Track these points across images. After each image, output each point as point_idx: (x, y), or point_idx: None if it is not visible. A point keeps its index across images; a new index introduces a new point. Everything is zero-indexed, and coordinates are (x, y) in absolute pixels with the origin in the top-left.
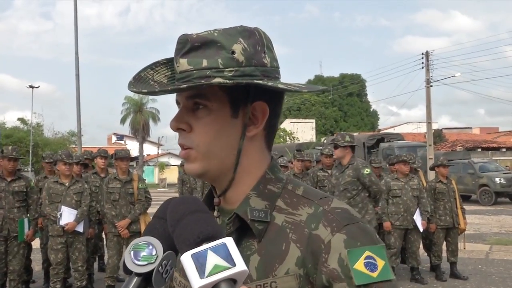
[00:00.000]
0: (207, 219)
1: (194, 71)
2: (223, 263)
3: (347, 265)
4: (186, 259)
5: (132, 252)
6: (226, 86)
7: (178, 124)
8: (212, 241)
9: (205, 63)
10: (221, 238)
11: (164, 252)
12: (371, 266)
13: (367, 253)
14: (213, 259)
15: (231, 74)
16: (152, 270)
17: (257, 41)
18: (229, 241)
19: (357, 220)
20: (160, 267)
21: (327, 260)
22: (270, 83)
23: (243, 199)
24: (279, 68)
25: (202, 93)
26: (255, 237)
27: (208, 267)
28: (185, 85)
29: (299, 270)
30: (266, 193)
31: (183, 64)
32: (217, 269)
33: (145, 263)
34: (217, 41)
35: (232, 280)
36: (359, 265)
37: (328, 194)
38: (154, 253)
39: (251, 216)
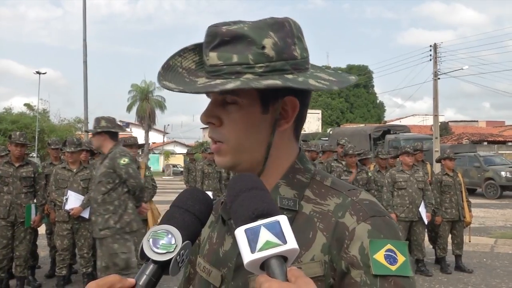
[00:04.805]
0: (263, 196)
1: (224, 66)
2: (275, 239)
3: (367, 254)
4: (240, 233)
5: (151, 239)
6: None
7: (208, 118)
8: (267, 218)
9: (235, 58)
10: (275, 215)
11: (182, 242)
12: (390, 259)
13: (388, 246)
14: (265, 235)
15: (261, 70)
16: (170, 259)
17: (287, 33)
18: (282, 219)
19: (384, 214)
20: (178, 257)
21: (348, 247)
22: (300, 79)
23: (272, 187)
24: (308, 57)
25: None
26: None
27: (260, 243)
28: (218, 88)
29: (324, 256)
30: (295, 183)
31: (213, 58)
32: (268, 245)
33: (164, 251)
34: (247, 35)
35: (283, 258)
36: (379, 256)
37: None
38: (173, 242)
39: (281, 205)
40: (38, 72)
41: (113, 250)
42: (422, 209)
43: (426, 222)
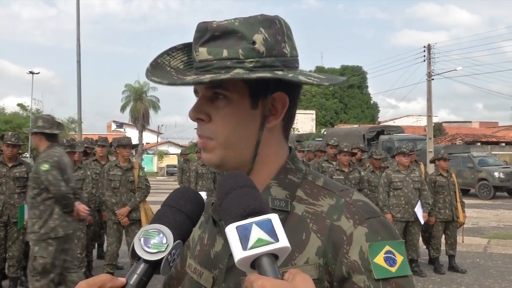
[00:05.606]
0: (254, 195)
1: (214, 61)
2: (267, 237)
3: (367, 259)
4: (231, 230)
5: (142, 239)
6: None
7: (197, 114)
8: (258, 215)
9: (225, 53)
10: (266, 214)
11: (173, 241)
12: (390, 260)
13: (387, 247)
14: (257, 233)
15: (251, 65)
16: (161, 259)
17: (278, 30)
18: (274, 217)
19: (378, 214)
20: (169, 256)
21: (348, 252)
22: (290, 75)
23: (264, 188)
24: (298, 56)
25: (222, 83)
26: None
27: (252, 240)
28: (207, 79)
29: (319, 260)
30: (286, 183)
31: (203, 53)
32: (260, 242)
33: (155, 251)
34: (237, 30)
35: (274, 256)
36: (379, 259)
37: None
38: (164, 241)
39: (272, 205)
40: (31, 72)
41: (32, 252)
42: (418, 210)
43: (422, 222)
